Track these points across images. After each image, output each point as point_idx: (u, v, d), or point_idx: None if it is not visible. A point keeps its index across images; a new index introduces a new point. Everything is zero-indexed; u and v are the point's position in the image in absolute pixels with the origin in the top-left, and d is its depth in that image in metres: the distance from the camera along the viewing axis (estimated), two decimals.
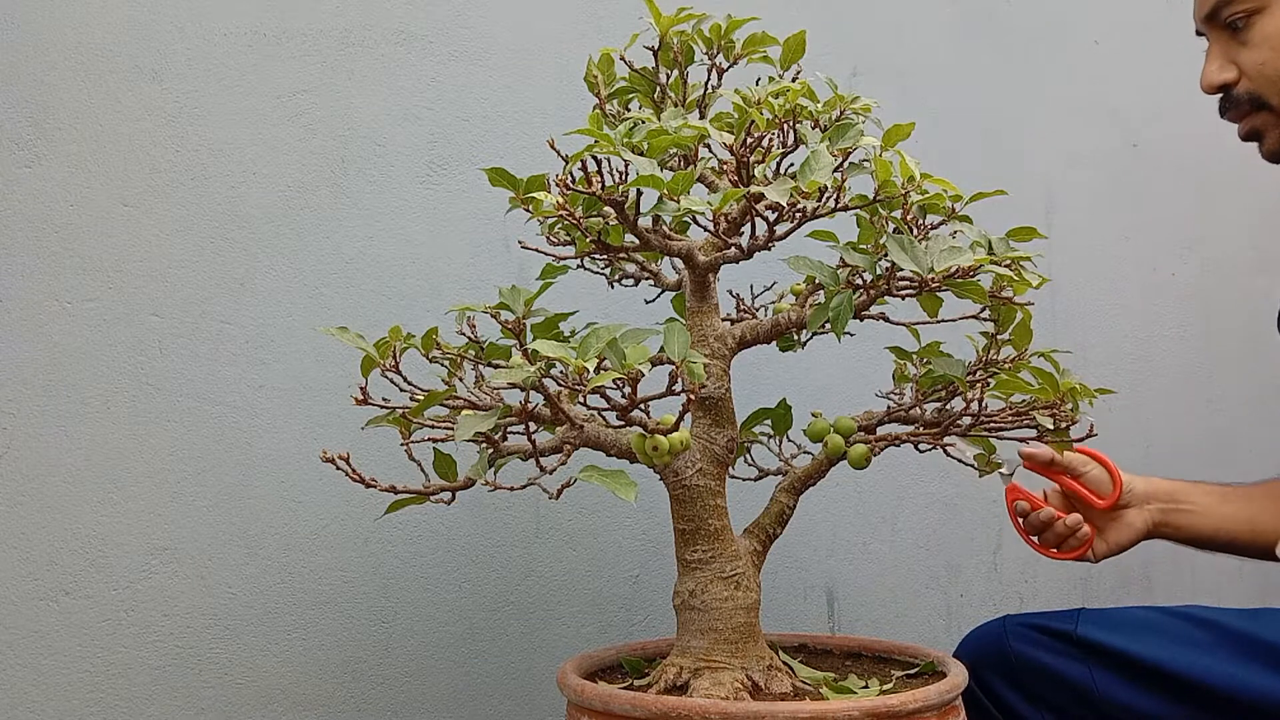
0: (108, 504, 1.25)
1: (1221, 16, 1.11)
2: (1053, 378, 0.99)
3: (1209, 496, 1.24)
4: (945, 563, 1.69)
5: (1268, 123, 1.13)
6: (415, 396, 0.96)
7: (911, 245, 0.91)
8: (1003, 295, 0.99)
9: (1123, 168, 1.88)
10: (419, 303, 1.38)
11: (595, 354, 0.83)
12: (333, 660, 1.32)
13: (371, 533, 1.34)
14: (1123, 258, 1.88)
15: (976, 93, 1.77)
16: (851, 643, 1.18)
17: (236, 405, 1.30)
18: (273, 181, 1.33)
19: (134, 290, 1.27)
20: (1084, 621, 1.17)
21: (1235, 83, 1.12)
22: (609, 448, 0.97)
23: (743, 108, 0.92)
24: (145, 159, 1.28)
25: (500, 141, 1.44)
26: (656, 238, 0.96)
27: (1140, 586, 1.86)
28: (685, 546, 1.01)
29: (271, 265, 1.33)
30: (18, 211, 1.23)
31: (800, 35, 1.04)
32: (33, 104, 1.24)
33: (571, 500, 1.43)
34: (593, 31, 1.49)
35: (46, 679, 1.21)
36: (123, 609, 1.25)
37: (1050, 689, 1.16)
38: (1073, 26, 1.85)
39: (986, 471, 1.10)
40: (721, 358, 1.02)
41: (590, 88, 1.07)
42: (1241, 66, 1.11)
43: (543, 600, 1.42)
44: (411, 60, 1.40)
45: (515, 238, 1.35)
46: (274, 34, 1.34)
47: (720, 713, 0.88)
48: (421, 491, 0.95)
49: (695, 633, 1.00)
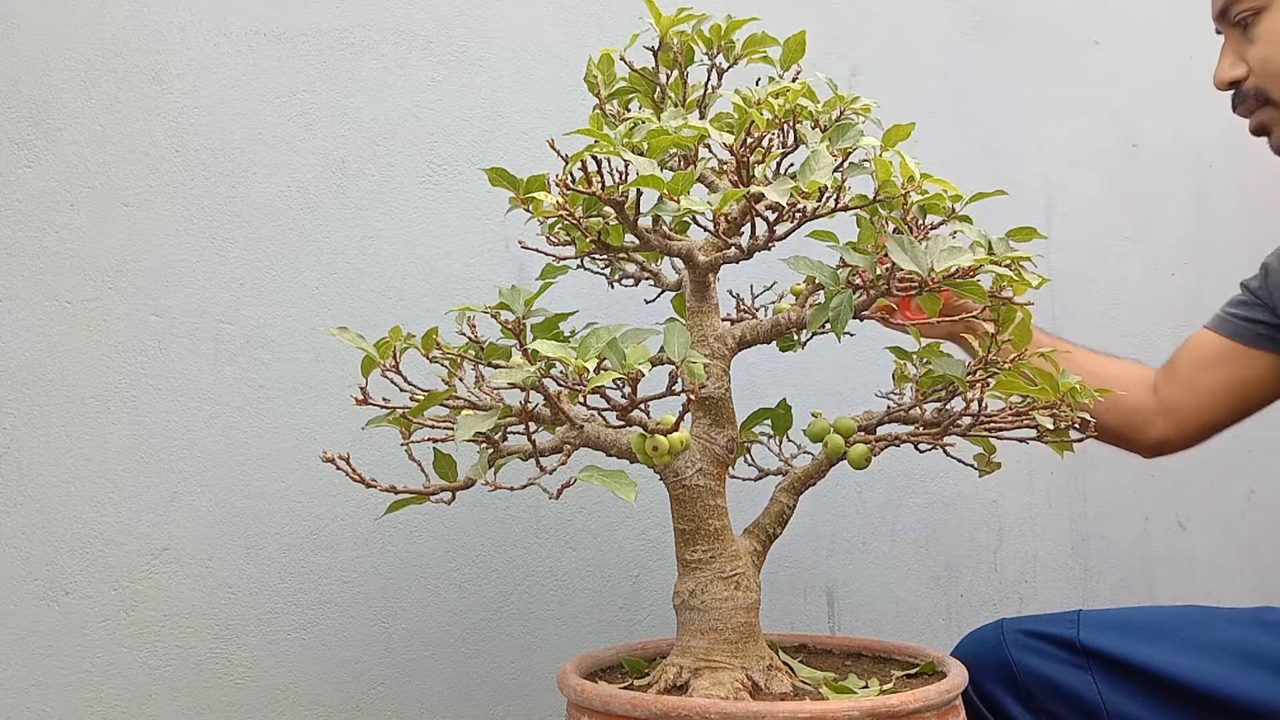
0: (108, 504, 1.25)
1: (1231, 15, 1.15)
2: (1053, 378, 0.99)
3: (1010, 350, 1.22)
4: (945, 563, 1.69)
5: (1274, 118, 1.16)
6: (415, 396, 0.96)
7: (911, 245, 0.91)
8: (1003, 295, 0.99)
9: (1123, 168, 1.88)
10: (419, 303, 1.38)
11: (595, 354, 0.83)
12: (333, 660, 1.32)
13: (371, 533, 1.34)
14: (1123, 258, 1.88)
15: (976, 93, 1.77)
16: (851, 643, 1.18)
17: (236, 405, 1.30)
18: (273, 181, 1.33)
19: (134, 290, 1.27)
20: (1085, 626, 1.16)
21: (1244, 79, 1.15)
22: (609, 448, 0.97)
23: (743, 108, 0.92)
24: (145, 159, 1.28)
25: (500, 141, 1.44)
26: (656, 238, 0.96)
27: (1140, 586, 1.86)
28: (685, 546, 1.01)
29: (271, 265, 1.33)
30: (18, 211, 1.23)
31: (800, 35, 1.04)
32: (33, 104, 1.24)
33: (571, 500, 1.43)
34: (593, 32, 1.49)
35: (46, 679, 1.21)
36: (123, 609, 1.25)
37: (1054, 700, 1.15)
38: (1073, 26, 1.85)
39: (986, 471, 1.10)
40: (721, 358, 1.02)
41: (590, 88, 1.07)
42: (1249, 63, 1.14)
43: (543, 600, 1.42)
44: (411, 60, 1.40)
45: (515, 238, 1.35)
46: (274, 34, 1.34)
47: (720, 713, 0.88)
48: (421, 491, 0.95)
49: (695, 633, 1.00)
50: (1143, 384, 1.31)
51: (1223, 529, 1.93)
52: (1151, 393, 1.31)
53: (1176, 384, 1.30)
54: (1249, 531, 1.96)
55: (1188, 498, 1.91)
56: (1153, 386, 1.31)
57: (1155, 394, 1.30)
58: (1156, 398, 1.30)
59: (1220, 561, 1.94)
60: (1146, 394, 1.30)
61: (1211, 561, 1.93)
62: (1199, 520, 1.92)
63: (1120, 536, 1.85)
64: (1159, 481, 1.87)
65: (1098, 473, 1.81)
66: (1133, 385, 1.30)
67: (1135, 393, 1.29)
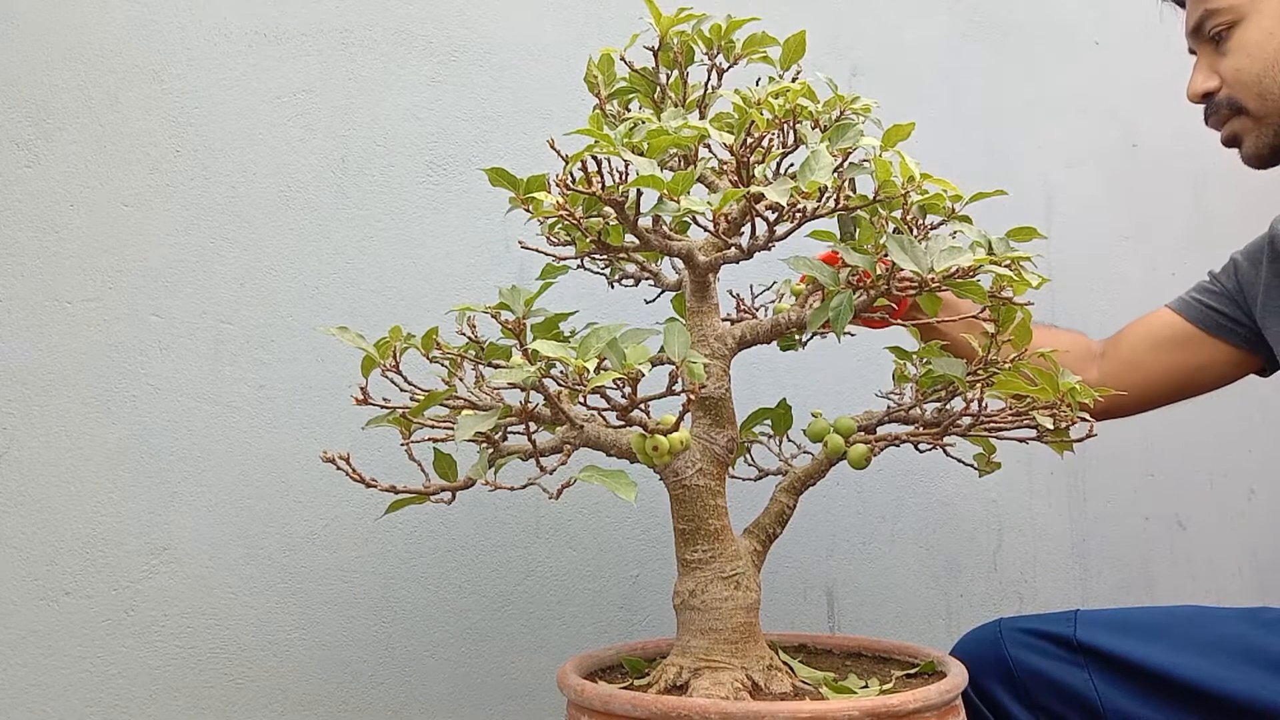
0: (108, 504, 1.25)
1: (1205, 30, 1.18)
2: (1052, 378, 0.99)
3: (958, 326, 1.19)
4: (945, 563, 1.69)
5: (1246, 127, 1.18)
6: (415, 396, 0.96)
7: (911, 245, 0.91)
8: (1003, 295, 0.99)
9: (1123, 168, 1.88)
10: (419, 303, 1.38)
11: (595, 354, 0.83)
12: (333, 660, 1.32)
13: (371, 533, 1.34)
14: (1123, 258, 1.88)
15: (976, 93, 1.77)
16: (851, 643, 1.18)
17: (236, 405, 1.30)
18: (273, 181, 1.33)
19: (134, 290, 1.27)
20: (1082, 624, 1.16)
21: (1217, 90, 1.18)
22: (609, 448, 0.97)
23: (743, 108, 0.92)
24: (145, 159, 1.28)
25: (500, 141, 1.44)
26: (656, 238, 0.96)
27: (1140, 586, 1.86)
28: (685, 546, 1.01)
29: (271, 265, 1.33)
30: (18, 211, 1.23)
31: (800, 35, 1.04)
32: (33, 104, 1.24)
33: (571, 500, 1.43)
34: (593, 32, 1.49)
35: (46, 679, 1.21)
36: (123, 609, 1.25)
37: (1051, 698, 1.15)
38: (1073, 26, 1.85)
39: (986, 471, 1.10)
40: (721, 358, 1.02)
41: (590, 88, 1.07)
42: (1221, 74, 1.17)
43: (543, 600, 1.42)
44: (411, 60, 1.40)
45: (515, 238, 1.35)
46: (274, 34, 1.34)
47: (720, 713, 0.88)
48: (421, 491, 0.95)
49: (695, 632, 1.00)
50: (1084, 355, 1.33)
51: (1223, 529, 1.93)
52: (1090, 363, 1.32)
53: (1119, 359, 1.32)
54: (1249, 531, 1.96)
55: (1188, 498, 1.91)
56: (1093, 357, 1.33)
57: (1094, 365, 1.32)
58: (1096, 369, 1.32)
59: (1220, 561, 1.94)
60: (1085, 364, 1.32)
61: (1211, 561, 1.93)
62: (1199, 520, 1.92)
63: (1120, 536, 1.85)
64: (1159, 481, 1.87)
65: (1098, 473, 1.81)
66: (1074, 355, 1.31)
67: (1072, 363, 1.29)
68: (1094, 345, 1.36)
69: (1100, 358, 1.34)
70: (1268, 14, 1.14)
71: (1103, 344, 1.36)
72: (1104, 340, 1.36)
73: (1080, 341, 1.35)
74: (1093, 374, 1.32)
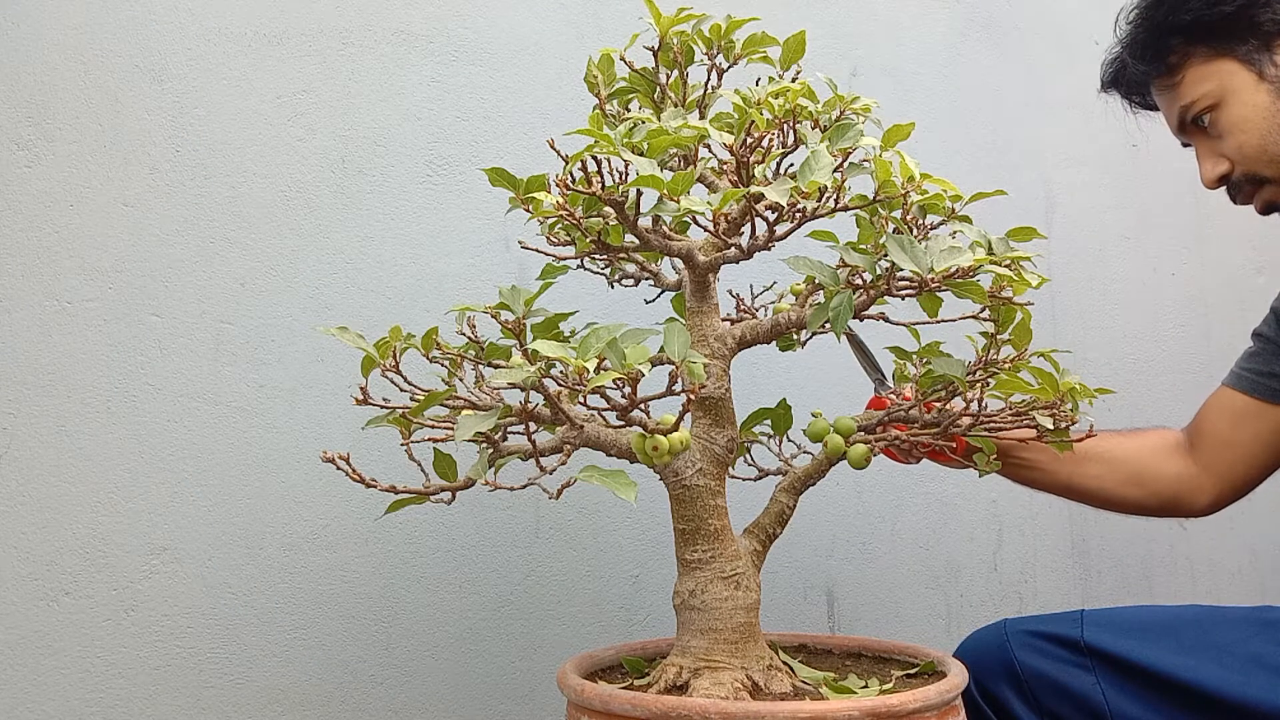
0: (108, 504, 1.25)
1: (1189, 119, 1.21)
2: (1052, 378, 0.99)
3: (1044, 453, 1.23)
4: (945, 563, 1.69)
5: (1276, 193, 1.20)
6: (415, 396, 0.96)
7: (911, 245, 0.91)
8: (1002, 295, 0.99)
9: (1123, 168, 1.88)
10: (419, 303, 1.38)
11: (595, 354, 0.83)
12: (333, 660, 1.32)
13: (371, 533, 1.34)
14: (1123, 258, 1.88)
15: (976, 93, 1.77)
16: (851, 643, 1.18)
17: (236, 405, 1.30)
18: (273, 181, 1.33)
19: (134, 290, 1.27)
20: (1089, 626, 1.16)
21: (1230, 171, 1.19)
22: (609, 448, 0.97)
23: (743, 108, 0.92)
24: (145, 159, 1.28)
25: (500, 141, 1.44)
26: (656, 238, 0.96)
27: (1140, 586, 1.86)
28: (685, 546, 1.01)
29: (271, 265, 1.33)
30: (18, 211, 1.23)
31: (800, 35, 1.04)
32: (33, 104, 1.24)
33: (571, 500, 1.43)
34: (593, 32, 1.49)
35: (46, 679, 1.21)
36: (123, 609, 1.25)
37: (1058, 701, 1.15)
38: (1073, 26, 1.85)
39: (986, 471, 1.10)
40: (721, 358, 1.02)
41: (590, 88, 1.07)
42: (1227, 155, 1.19)
43: (543, 600, 1.42)
44: (411, 60, 1.40)
45: (515, 238, 1.35)
46: (274, 34, 1.34)
47: (720, 713, 0.88)
48: (421, 491, 0.95)
49: (695, 632, 1.00)
50: (1176, 450, 1.29)
51: (1223, 529, 1.93)
52: (1186, 457, 1.28)
53: (1212, 442, 1.27)
54: (1249, 531, 1.96)
55: None
56: (1185, 449, 1.29)
57: (1190, 457, 1.28)
58: (1194, 461, 1.28)
59: (1220, 561, 1.94)
60: (1182, 460, 1.28)
61: (1211, 561, 1.93)
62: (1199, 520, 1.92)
63: (1120, 536, 1.85)
64: None
65: None
66: (1165, 454, 1.28)
67: (1171, 461, 1.27)
68: (1178, 437, 1.31)
69: (1190, 449, 1.29)
70: (1244, 89, 1.16)
71: (1184, 433, 1.31)
72: (1183, 429, 1.31)
73: (1166, 437, 1.31)
74: (1190, 465, 1.27)
